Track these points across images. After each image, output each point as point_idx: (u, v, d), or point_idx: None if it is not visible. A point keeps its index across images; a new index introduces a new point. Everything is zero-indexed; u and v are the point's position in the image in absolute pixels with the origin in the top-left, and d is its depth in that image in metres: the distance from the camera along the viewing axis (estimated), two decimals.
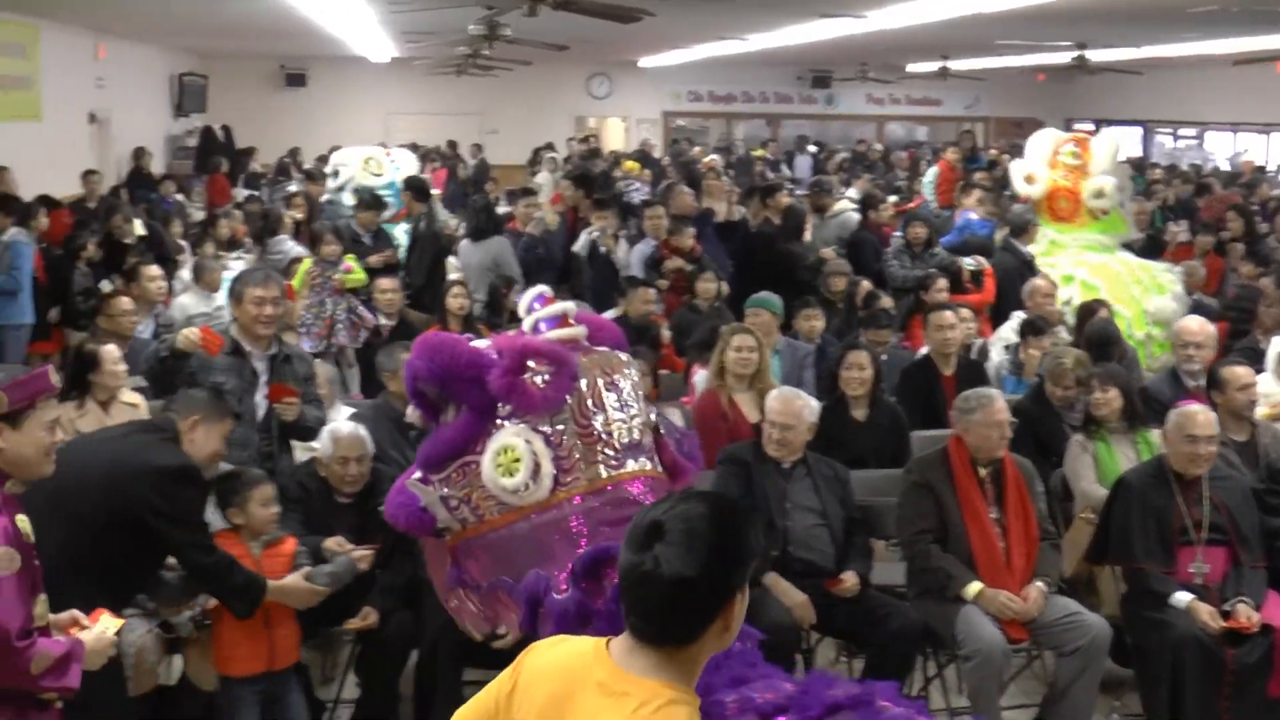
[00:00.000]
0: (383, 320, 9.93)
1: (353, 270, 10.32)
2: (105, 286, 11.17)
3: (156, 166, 21.16)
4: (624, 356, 4.36)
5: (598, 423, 4.06)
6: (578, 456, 4.03)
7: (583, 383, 4.10)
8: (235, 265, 13.59)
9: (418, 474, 4.24)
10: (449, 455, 4.14)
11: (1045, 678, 6.43)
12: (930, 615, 6.01)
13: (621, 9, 10.84)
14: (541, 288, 4.58)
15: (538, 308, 4.40)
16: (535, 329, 4.34)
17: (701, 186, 15.02)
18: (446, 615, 5.76)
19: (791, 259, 11.60)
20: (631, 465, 4.09)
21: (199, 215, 18.18)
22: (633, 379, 4.26)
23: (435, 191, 15.72)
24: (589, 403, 4.07)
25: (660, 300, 10.53)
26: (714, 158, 22.31)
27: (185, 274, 11.59)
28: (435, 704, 5.62)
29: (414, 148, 19.50)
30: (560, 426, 4.04)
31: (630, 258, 11.69)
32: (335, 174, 15.17)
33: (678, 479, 4.25)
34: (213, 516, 5.82)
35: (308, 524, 5.90)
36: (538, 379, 4.05)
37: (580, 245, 11.70)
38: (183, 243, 14.23)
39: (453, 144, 26.19)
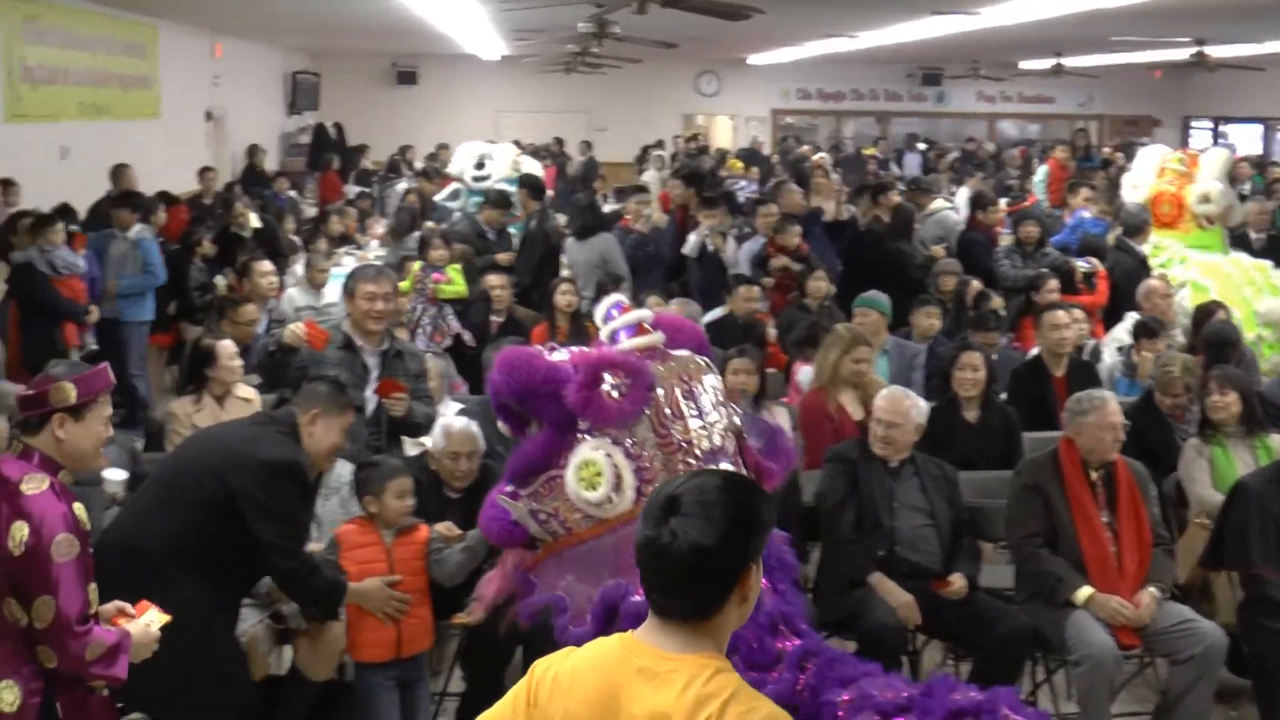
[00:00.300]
0: (492, 317, 9.99)
1: (449, 280, 10.37)
2: (219, 282, 11.38)
3: (270, 164, 21.49)
4: (702, 361, 4.32)
5: (676, 431, 4.05)
6: (659, 466, 4.02)
7: (660, 392, 4.07)
8: (347, 261, 13.81)
9: (508, 488, 4.25)
10: (532, 470, 4.15)
11: (1157, 686, 6.32)
12: (1039, 619, 5.92)
13: (731, 6, 10.80)
14: (617, 296, 4.59)
15: (615, 315, 4.37)
16: (613, 338, 4.32)
17: (810, 185, 14.96)
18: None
19: (901, 258, 11.51)
20: None
21: (311, 211, 18.47)
22: (712, 383, 4.24)
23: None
24: (667, 411, 4.05)
25: (765, 298, 10.50)
26: (823, 156, 22.21)
27: (299, 269, 11.77)
28: None
29: (516, 145, 19.59)
30: (640, 438, 4.03)
31: (738, 256, 11.67)
32: (481, 165, 15.41)
33: (764, 481, 4.22)
34: (337, 511, 5.93)
35: (417, 517, 5.94)
36: (614, 391, 4.02)
37: (690, 247, 11.69)
38: (295, 239, 14.45)
39: (559, 141, 26.33)
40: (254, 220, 13.23)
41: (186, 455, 5.37)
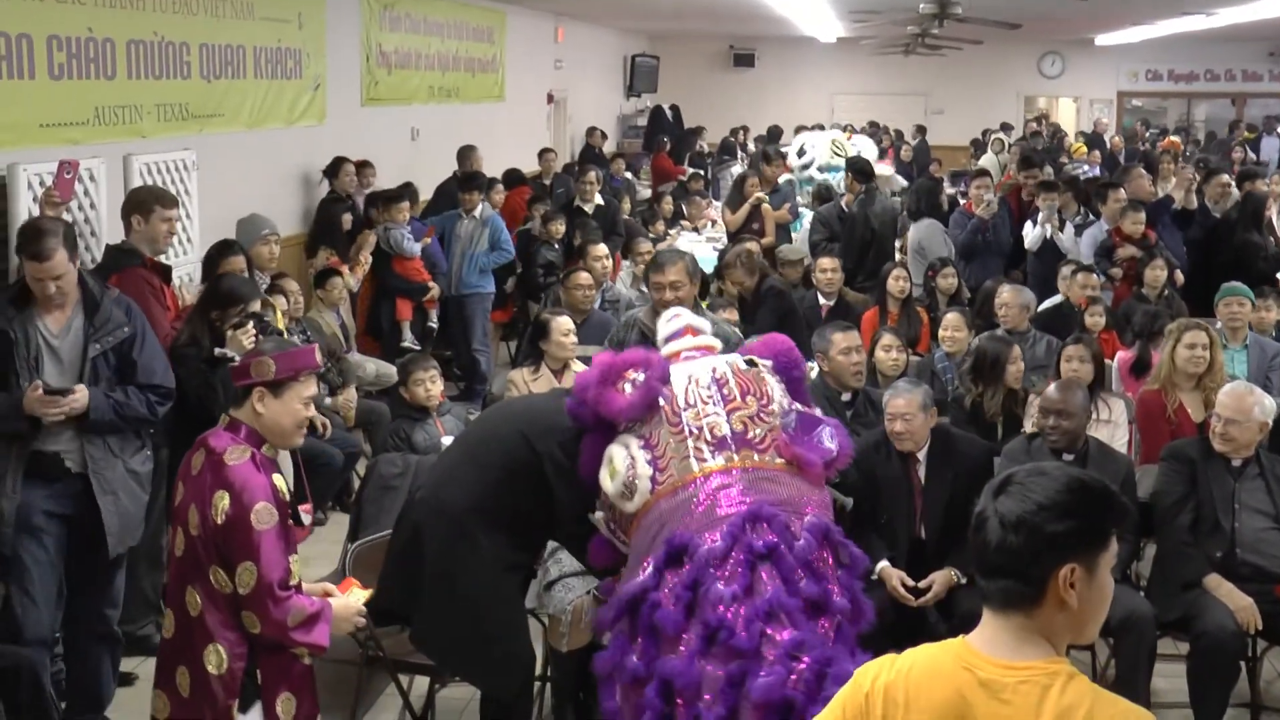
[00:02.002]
0: (822, 300, 9.99)
1: None
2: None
3: (608, 146, 21.91)
4: (731, 357, 4.50)
5: (688, 418, 4.21)
6: (671, 453, 4.20)
7: (675, 383, 4.29)
8: (681, 243, 14.02)
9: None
10: (591, 480, 4.49)
11: None
12: None
13: None
14: (683, 322, 4.75)
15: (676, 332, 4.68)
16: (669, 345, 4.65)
17: (1159, 171, 14.38)
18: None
19: (1249, 249, 10.95)
20: (719, 459, 4.17)
21: (646, 193, 18.79)
22: (739, 372, 4.35)
23: (889, 172, 15.70)
24: (681, 401, 4.23)
25: (1110, 288, 10.16)
26: (1174, 139, 21.32)
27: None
28: None
29: (844, 129, 19.48)
30: (654, 428, 4.25)
31: (1079, 243, 11.31)
32: (801, 153, 15.44)
33: (802, 470, 4.28)
34: None
35: None
36: (627, 385, 4.30)
37: (1032, 240, 11.39)
38: (632, 219, 14.72)
39: (885, 127, 25.90)
40: (598, 198, 13.55)
41: (494, 419, 5.51)
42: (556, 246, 11.92)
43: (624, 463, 4.27)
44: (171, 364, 5.93)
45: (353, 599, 4.50)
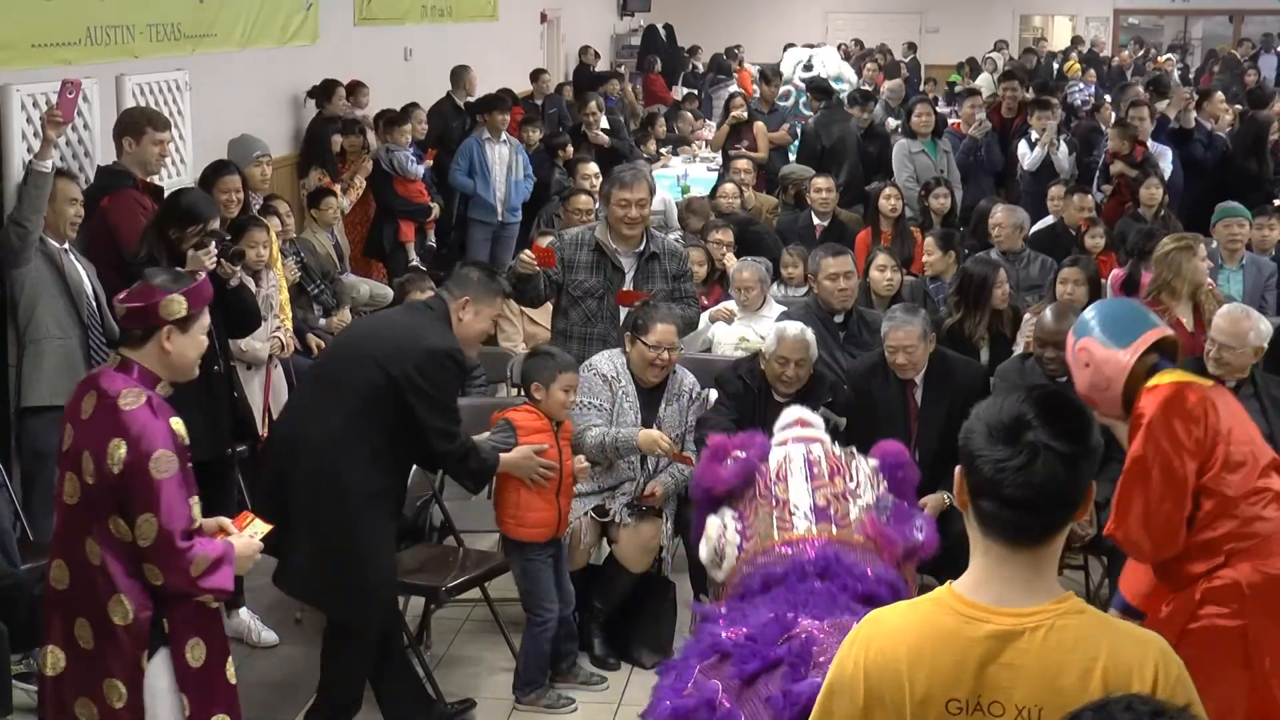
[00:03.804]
0: (816, 220, 9.97)
1: None
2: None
3: (602, 66, 21.74)
4: (839, 450, 4.71)
5: (778, 490, 4.44)
6: (758, 521, 4.41)
7: (772, 459, 4.56)
8: (674, 163, 13.97)
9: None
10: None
11: None
12: None
13: None
14: (795, 415, 4.92)
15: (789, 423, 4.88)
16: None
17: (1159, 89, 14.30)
18: None
19: (1247, 176, 10.92)
20: (803, 527, 4.34)
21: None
22: (833, 455, 4.60)
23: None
24: (774, 475, 4.49)
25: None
26: (1168, 58, 21.20)
27: None
28: None
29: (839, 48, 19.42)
30: (750, 503, 4.48)
31: (1070, 162, 11.30)
32: (809, 67, 15.53)
33: (881, 550, 4.33)
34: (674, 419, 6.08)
35: (740, 421, 5.98)
36: (730, 461, 4.60)
37: (1031, 161, 11.36)
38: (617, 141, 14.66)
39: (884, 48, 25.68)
40: (604, 121, 13.50)
41: (347, 347, 5.55)
42: (564, 169, 11.84)
43: (716, 531, 4.47)
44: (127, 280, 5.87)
45: (255, 535, 4.31)
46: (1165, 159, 10.90)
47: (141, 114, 7.10)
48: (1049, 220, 9.85)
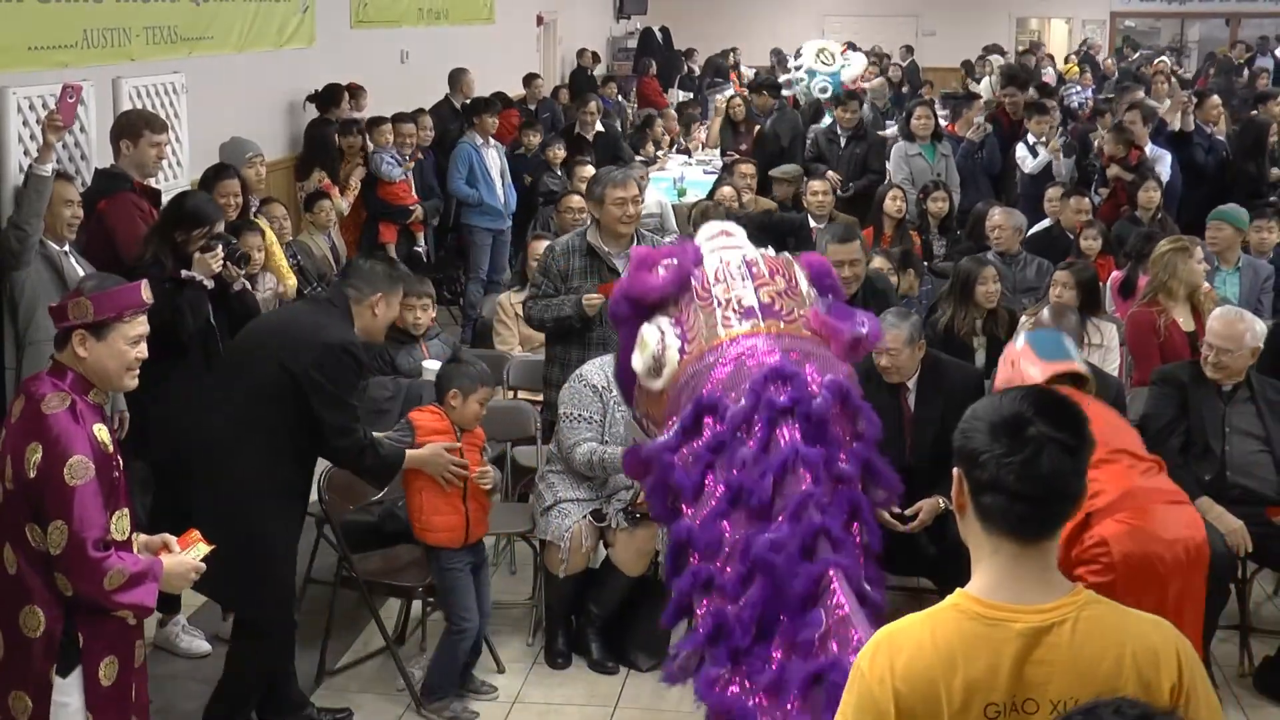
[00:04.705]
0: (813, 222, 9.96)
1: None
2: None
3: (599, 69, 21.74)
4: (775, 253, 4.55)
5: (717, 292, 4.29)
6: (701, 323, 4.27)
7: (706, 263, 4.37)
8: (672, 166, 13.98)
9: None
10: (624, 375, 4.54)
11: None
12: None
13: None
14: (719, 227, 4.70)
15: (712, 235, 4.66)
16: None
17: (1151, 92, 14.32)
18: None
19: (1246, 176, 10.92)
20: (749, 324, 4.23)
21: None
22: (769, 256, 4.46)
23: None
24: (710, 277, 4.32)
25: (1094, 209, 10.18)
26: (1163, 60, 21.21)
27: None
28: None
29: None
30: (687, 307, 4.32)
31: (1065, 166, 11.31)
32: (798, 56, 15.66)
33: (832, 342, 4.31)
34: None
35: None
36: (661, 269, 4.40)
37: (1034, 165, 11.37)
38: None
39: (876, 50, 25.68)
40: (599, 125, 13.52)
41: (247, 340, 5.48)
42: (559, 173, 11.79)
43: (654, 339, 4.30)
44: None
45: (191, 555, 4.20)
46: (1164, 163, 10.89)
47: (138, 117, 7.08)
48: (1046, 223, 9.85)
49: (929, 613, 2.57)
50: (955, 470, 2.55)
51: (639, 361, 4.35)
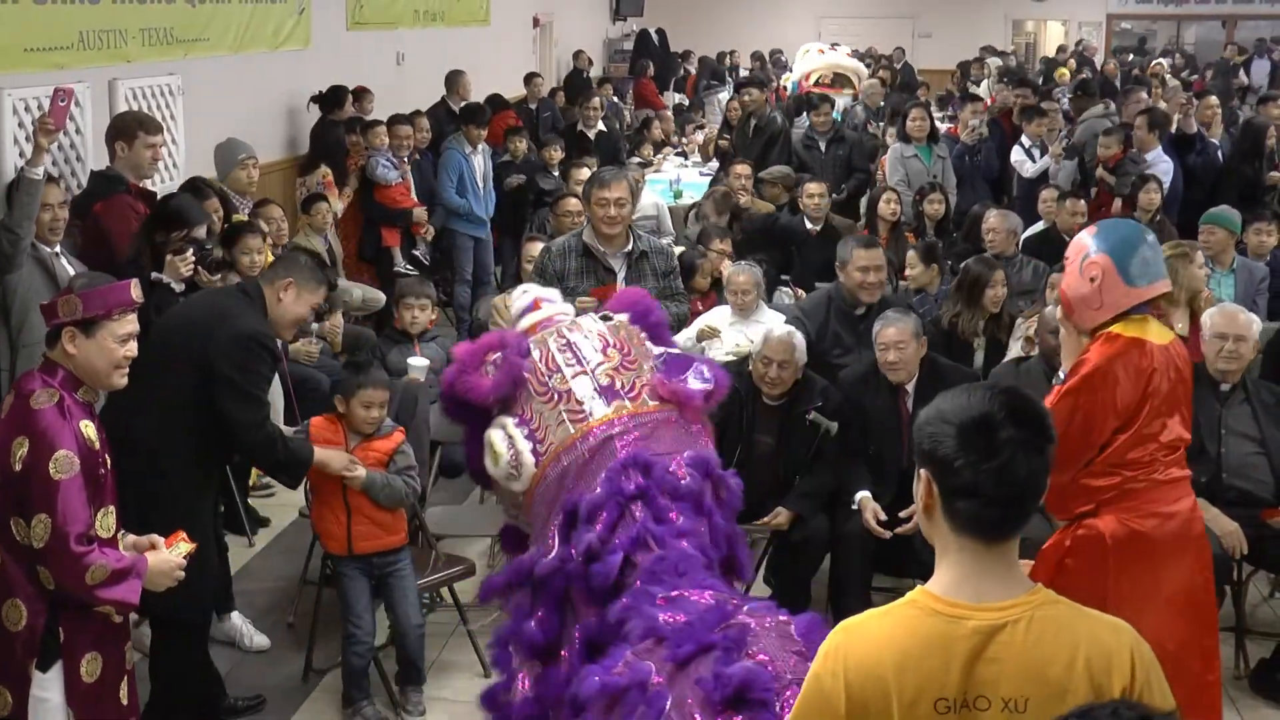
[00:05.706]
0: (809, 225, 9.96)
1: None
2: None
3: (594, 70, 21.74)
4: (585, 318, 4.44)
5: (555, 383, 4.16)
6: (547, 421, 4.14)
7: (534, 354, 4.23)
8: (668, 168, 13.98)
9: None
10: (477, 470, 4.41)
11: None
12: None
13: None
14: (530, 297, 4.61)
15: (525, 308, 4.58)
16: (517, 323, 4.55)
17: (1149, 94, 14.32)
18: (857, 523, 5.82)
19: (1243, 179, 10.91)
20: (599, 412, 4.12)
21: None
22: (596, 330, 4.31)
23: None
24: (543, 369, 4.20)
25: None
26: (1160, 63, 21.22)
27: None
28: (845, 608, 5.67)
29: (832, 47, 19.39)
30: (526, 402, 4.20)
31: (1058, 170, 11.32)
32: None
33: (683, 407, 4.21)
34: None
35: (723, 424, 5.86)
36: (490, 367, 4.26)
37: (1032, 170, 11.38)
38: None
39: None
40: (600, 125, 13.51)
41: (160, 337, 5.28)
42: (555, 173, 11.76)
43: (503, 444, 4.18)
44: None
45: (174, 553, 4.20)
46: (1165, 166, 10.87)
47: (134, 118, 7.09)
48: (1041, 225, 9.85)
49: (887, 609, 2.59)
50: (922, 472, 2.55)
51: (493, 468, 4.24)
